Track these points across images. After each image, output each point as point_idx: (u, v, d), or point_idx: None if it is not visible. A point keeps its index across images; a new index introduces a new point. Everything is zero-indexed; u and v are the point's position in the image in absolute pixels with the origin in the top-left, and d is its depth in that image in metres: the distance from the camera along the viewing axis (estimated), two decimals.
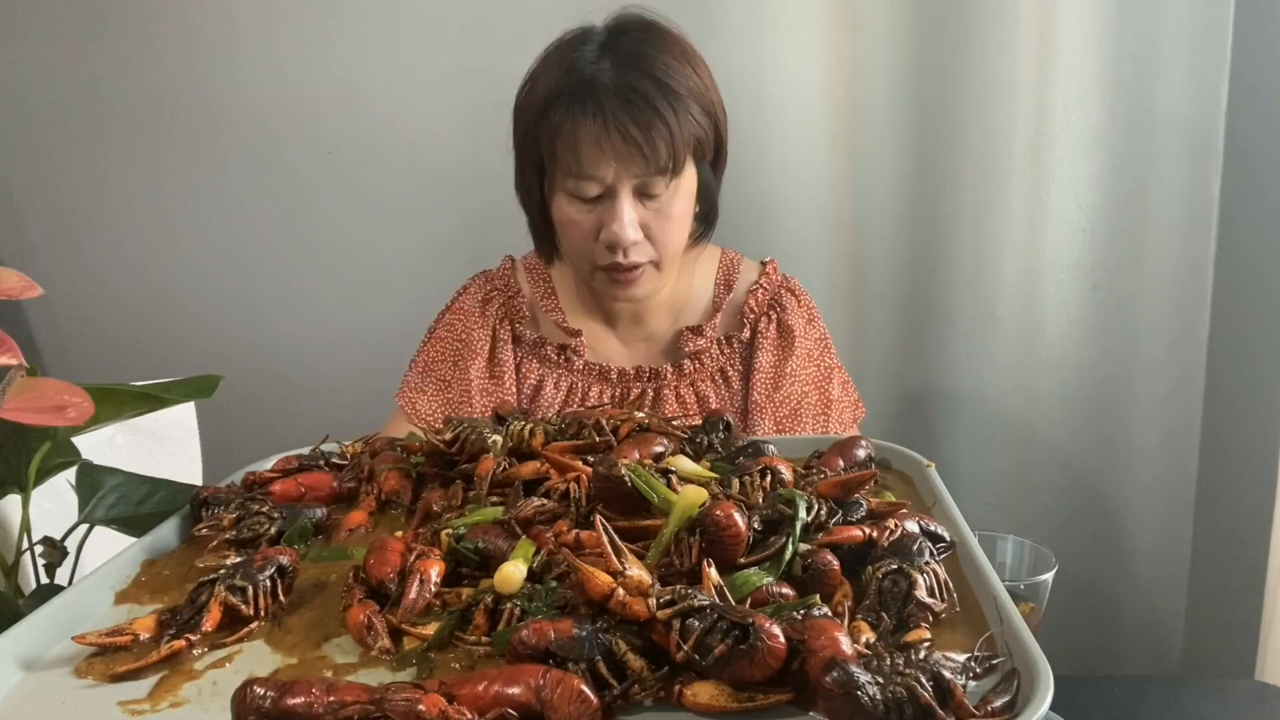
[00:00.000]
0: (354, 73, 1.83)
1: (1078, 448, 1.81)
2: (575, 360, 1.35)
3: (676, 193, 1.22)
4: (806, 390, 1.33)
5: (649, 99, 1.16)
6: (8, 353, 0.74)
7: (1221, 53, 1.61)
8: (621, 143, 1.16)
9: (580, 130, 1.17)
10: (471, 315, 1.38)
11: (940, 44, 1.68)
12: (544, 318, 1.39)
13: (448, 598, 0.68)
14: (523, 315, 1.37)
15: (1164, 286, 1.72)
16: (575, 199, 1.22)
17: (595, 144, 1.17)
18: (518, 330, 1.37)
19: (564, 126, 1.18)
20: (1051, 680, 0.54)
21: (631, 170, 1.18)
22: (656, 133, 1.16)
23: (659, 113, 1.17)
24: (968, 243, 1.75)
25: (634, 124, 1.16)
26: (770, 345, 1.34)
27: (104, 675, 0.62)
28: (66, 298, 1.90)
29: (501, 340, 1.36)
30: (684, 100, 1.19)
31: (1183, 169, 1.67)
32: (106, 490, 0.98)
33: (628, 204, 1.20)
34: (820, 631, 0.54)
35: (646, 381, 1.35)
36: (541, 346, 1.36)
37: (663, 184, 1.20)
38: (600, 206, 1.21)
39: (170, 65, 1.83)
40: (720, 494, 0.73)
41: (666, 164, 1.18)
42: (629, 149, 1.16)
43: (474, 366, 1.35)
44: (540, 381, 1.36)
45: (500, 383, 1.35)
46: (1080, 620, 1.83)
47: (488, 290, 1.40)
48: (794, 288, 1.39)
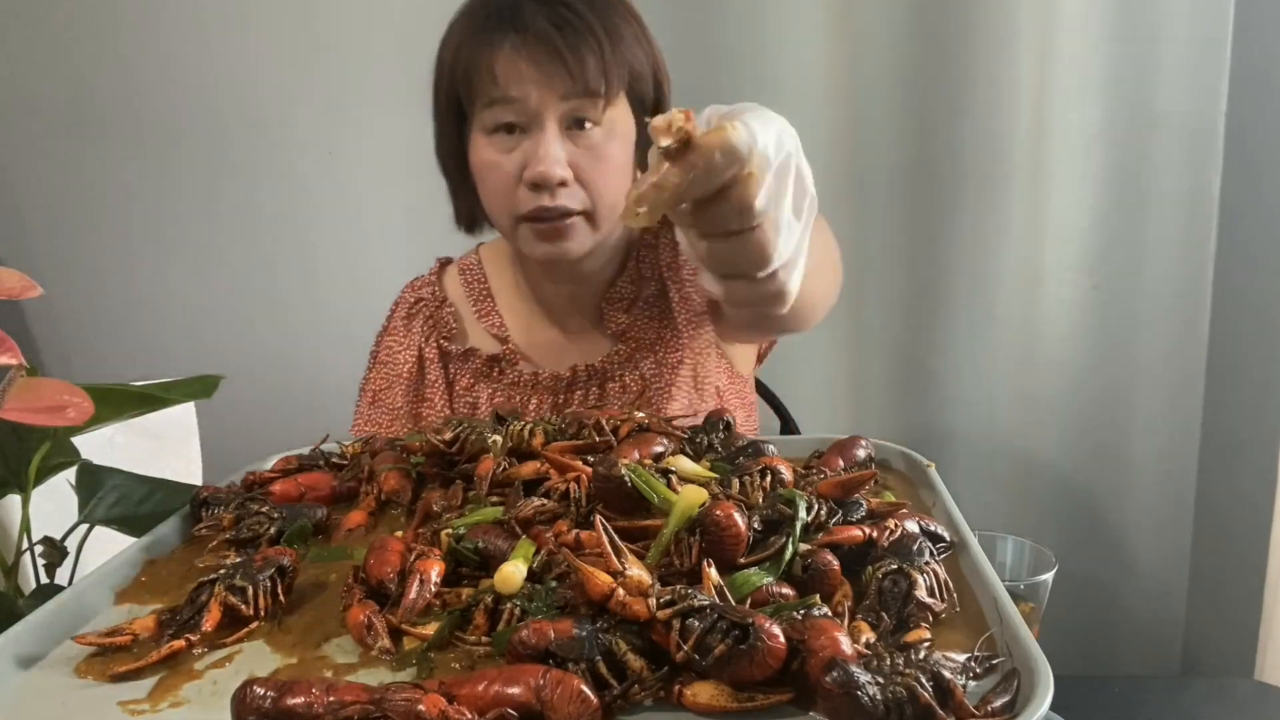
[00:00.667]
0: (353, 73, 1.83)
1: (1078, 448, 1.81)
2: (509, 371, 1.24)
3: (611, 132, 1.09)
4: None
5: (578, 14, 1.05)
6: (8, 353, 0.74)
7: (1221, 53, 1.61)
8: (544, 55, 1.03)
9: (498, 47, 1.05)
10: (398, 334, 1.28)
11: (940, 44, 1.68)
12: (475, 326, 1.27)
13: (448, 598, 0.68)
14: (449, 327, 1.26)
15: (1164, 286, 1.72)
16: (495, 135, 1.09)
17: (514, 59, 1.04)
18: (444, 346, 1.26)
19: (480, 48, 1.06)
20: (1051, 680, 0.53)
21: (556, 89, 1.05)
22: (585, 45, 1.04)
23: (589, 26, 1.05)
24: (968, 243, 1.75)
25: (560, 36, 1.04)
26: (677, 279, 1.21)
27: (104, 675, 0.62)
28: (66, 298, 1.90)
29: (429, 359, 1.26)
30: (618, 26, 1.07)
31: (1183, 169, 1.67)
32: (106, 490, 0.98)
33: (553, 136, 1.06)
34: (820, 631, 0.54)
35: (588, 382, 1.23)
36: (472, 359, 1.24)
37: (595, 110, 1.07)
38: (523, 144, 1.08)
39: (170, 66, 1.83)
40: (720, 494, 0.73)
41: (597, 84, 1.05)
42: (552, 63, 1.03)
43: (400, 391, 1.26)
44: (476, 399, 1.25)
45: (432, 405, 1.25)
46: (1080, 620, 1.84)
47: (413, 303, 1.29)
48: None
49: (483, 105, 1.09)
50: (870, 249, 1.79)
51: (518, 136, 1.09)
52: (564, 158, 1.07)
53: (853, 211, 1.78)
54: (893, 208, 1.77)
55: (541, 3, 1.06)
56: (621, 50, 1.08)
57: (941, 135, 1.72)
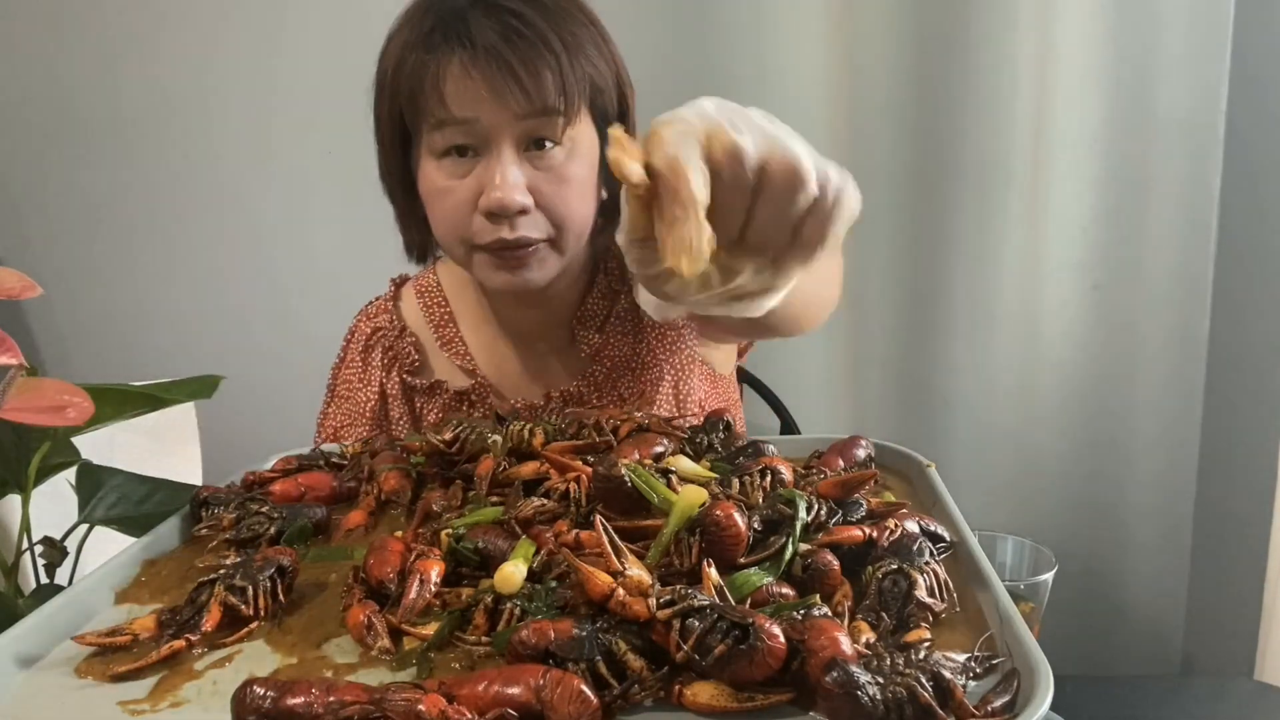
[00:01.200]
0: (353, 73, 1.83)
1: (1078, 447, 1.81)
2: (479, 405, 1.15)
3: (573, 152, 1.00)
4: None
5: (531, 25, 0.95)
6: (8, 353, 0.74)
7: (1221, 53, 1.61)
8: (496, 72, 0.93)
9: (444, 63, 0.95)
10: (355, 368, 1.19)
11: (940, 45, 1.68)
12: (438, 355, 1.18)
13: (448, 598, 0.68)
14: (411, 359, 1.17)
15: (1164, 286, 1.72)
16: (445, 158, 0.99)
17: (464, 77, 0.94)
18: (407, 380, 1.17)
19: (427, 64, 0.96)
20: (1051, 680, 0.54)
21: (512, 109, 0.95)
22: (540, 59, 0.94)
23: (543, 37, 0.95)
24: (968, 243, 1.75)
25: (512, 51, 0.94)
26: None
27: (104, 675, 0.62)
28: (66, 298, 1.90)
29: (391, 395, 1.17)
30: (577, 38, 0.98)
31: (1183, 169, 1.67)
32: (106, 490, 0.98)
33: (510, 158, 0.97)
34: (820, 631, 0.54)
35: (563, 407, 1.13)
36: (438, 393, 1.16)
37: (554, 130, 0.97)
38: (477, 168, 0.98)
39: (169, 67, 1.83)
40: (720, 494, 0.73)
41: (555, 101, 0.95)
42: (506, 80, 0.93)
43: (363, 429, 1.17)
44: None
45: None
46: (1080, 620, 1.83)
47: (370, 334, 1.20)
48: None
49: (430, 127, 0.99)
50: (870, 249, 1.79)
51: (470, 160, 0.99)
52: (523, 183, 0.98)
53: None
54: (893, 208, 1.77)
55: (490, 13, 0.96)
56: (580, 62, 0.98)
57: (941, 135, 1.71)
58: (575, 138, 1.01)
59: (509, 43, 0.95)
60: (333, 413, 1.22)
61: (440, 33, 0.97)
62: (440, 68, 0.96)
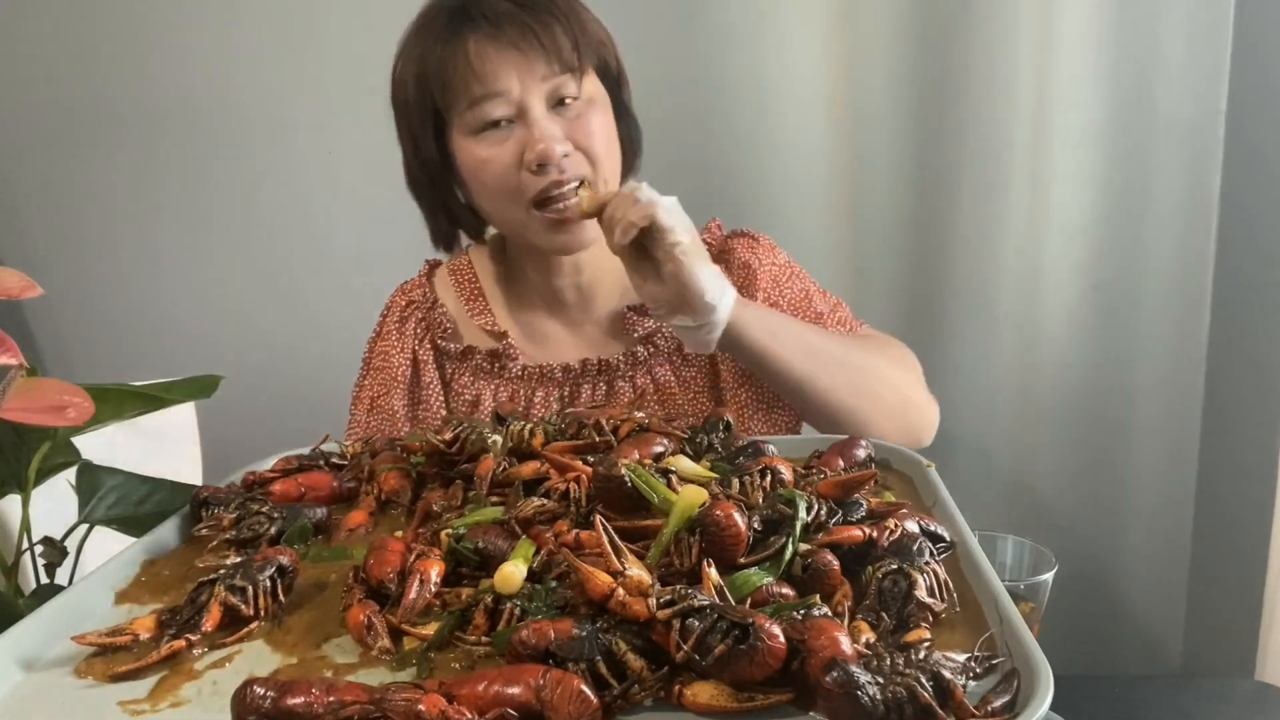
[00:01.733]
0: (354, 73, 1.83)
1: (1077, 448, 1.81)
2: (511, 365, 1.22)
3: (592, 102, 1.12)
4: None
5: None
6: (8, 353, 0.74)
7: (1221, 53, 1.61)
8: (520, 39, 1.05)
9: (465, 45, 1.06)
10: (391, 339, 1.27)
11: (940, 44, 1.68)
12: (469, 324, 1.26)
13: (448, 598, 0.68)
14: (444, 328, 1.25)
15: (1164, 286, 1.72)
16: (484, 132, 1.09)
17: (489, 51, 1.06)
18: (440, 344, 1.25)
19: (453, 51, 1.07)
20: (1051, 680, 0.53)
21: (537, 71, 1.07)
22: (554, 22, 1.07)
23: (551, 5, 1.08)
24: (968, 243, 1.75)
25: (524, 15, 1.06)
26: None
27: (104, 675, 0.62)
28: (66, 298, 1.90)
29: (423, 361, 1.24)
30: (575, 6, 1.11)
31: (1183, 169, 1.67)
32: (106, 490, 0.98)
33: (543, 113, 1.08)
34: (820, 631, 0.54)
35: (597, 375, 1.21)
36: (471, 357, 1.23)
37: (573, 84, 1.09)
38: (515, 133, 1.09)
39: (170, 67, 1.83)
40: (720, 494, 0.73)
41: (571, 57, 1.07)
42: (527, 45, 1.06)
43: (398, 395, 1.24)
44: (478, 395, 1.23)
45: (428, 408, 1.23)
46: (1080, 620, 1.83)
47: (404, 306, 1.28)
48: (745, 231, 1.27)
49: (465, 107, 1.09)
50: (870, 249, 1.79)
51: (505, 129, 1.09)
52: (560, 133, 1.09)
53: (853, 211, 1.78)
54: (893, 208, 1.77)
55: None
56: (583, 22, 1.11)
57: (941, 135, 1.71)
58: (590, 91, 1.12)
59: (523, 9, 1.07)
60: (368, 384, 1.28)
61: (457, 17, 1.08)
62: (467, 49, 1.07)
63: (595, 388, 1.22)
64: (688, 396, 1.23)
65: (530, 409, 1.21)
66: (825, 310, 1.26)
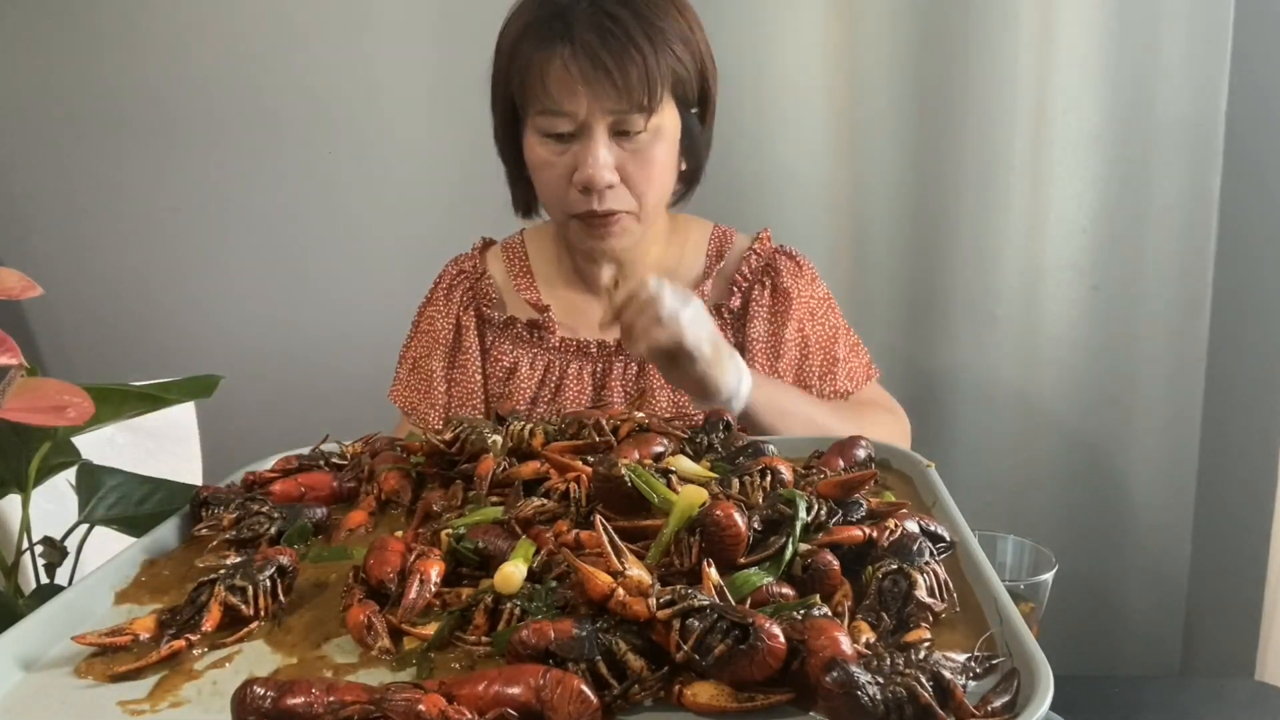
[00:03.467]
0: (354, 73, 1.83)
1: (1077, 448, 1.81)
2: (549, 337, 1.29)
3: (657, 136, 1.16)
4: (808, 349, 1.28)
5: (624, 26, 1.11)
6: (8, 353, 0.74)
7: (1221, 53, 1.61)
8: (591, 70, 1.10)
9: (550, 59, 1.12)
10: (438, 304, 1.34)
11: (940, 45, 1.68)
12: (514, 297, 1.34)
13: (448, 598, 0.68)
14: (490, 297, 1.32)
15: (1164, 286, 1.72)
16: (547, 139, 1.16)
17: (564, 73, 1.11)
18: (485, 313, 1.32)
19: (534, 57, 1.13)
20: (1051, 680, 0.53)
21: (604, 104, 1.12)
22: (630, 60, 1.10)
23: (634, 41, 1.11)
24: (968, 243, 1.75)
25: (605, 51, 1.10)
26: (765, 314, 1.28)
27: (104, 675, 0.62)
28: (66, 298, 1.90)
29: (465, 327, 1.32)
30: (664, 34, 1.13)
31: (1183, 169, 1.67)
32: (106, 490, 0.98)
33: (602, 143, 1.14)
34: (820, 631, 0.54)
35: (629, 356, 1.28)
36: (512, 326, 1.31)
37: (640, 121, 1.13)
38: (574, 147, 1.15)
39: (170, 66, 1.83)
40: (720, 494, 0.73)
41: (641, 97, 1.11)
42: (599, 77, 1.10)
43: (438, 358, 1.32)
44: (515, 363, 1.30)
45: (465, 371, 1.30)
46: (1080, 620, 1.83)
47: (455, 275, 1.36)
48: (790, 252, 1.32)
49: (535, 112, 1.16)
50: (870, 249, 1.79)
51: (567, 142, 1.16)
52: (612, 163, 1.14)
53: (853, 211, 1.78)
54: (893, 208, 1.77)
55: (590, 12, 1.12)
56: (665, 58, 1.13)
57: (941, 135, 1.71)
58: (658, 124, 1.17)
59: (604, 43, 1.10)
60: (414, 345, 1.36)
61: (548, 27, 1.13)
62: (547, 62, 1.12)
63: (626, 368, 1.28)
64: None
65: (564, 380, 1.28)
66: (844, 355, 1.31)
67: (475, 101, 1.37)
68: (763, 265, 1.30)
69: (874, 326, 1.82)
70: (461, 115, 1.76)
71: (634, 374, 1.28)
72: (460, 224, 1.53)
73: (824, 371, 1.28)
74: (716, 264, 1.33)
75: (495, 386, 1.31)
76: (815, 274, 1.34)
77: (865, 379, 1.33)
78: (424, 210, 1.86)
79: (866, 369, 1.34)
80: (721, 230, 1.36)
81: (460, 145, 1.76)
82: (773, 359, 1.27)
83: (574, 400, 1.28)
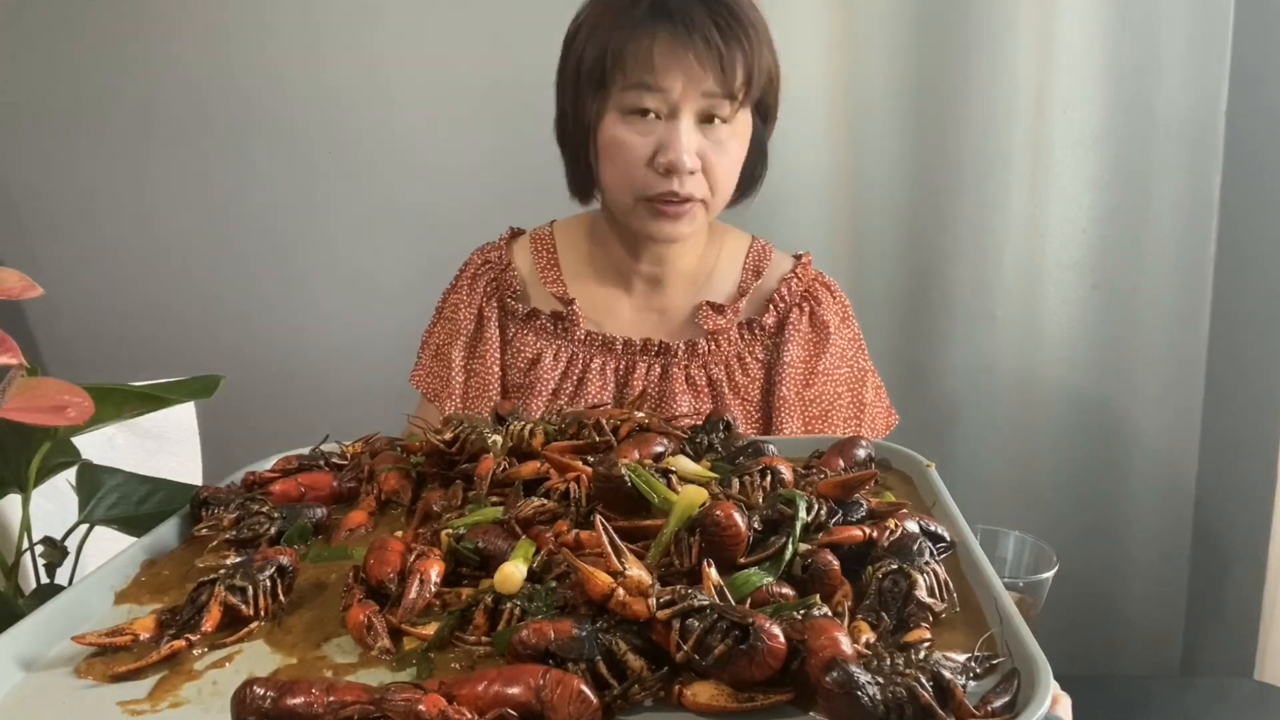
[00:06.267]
0: (354, 73, 1.83)
1: (1077, 448, 1.81)
2: (574, 330, 1.28)
3: (735, 131, 1.17)
4: (839, 391, 1.27)
5: (734, 14, 1.12)
6: (8, 353, 0.74)
7: (1221, 53, 1.62)
8: (703, 48, 1.10)
9: (659, 34, 1.11)
10: (462, 293, 1.34)
11: (940, 45, 1.68)
12: (539, 289, 1.32)
13: (448, 598, 0.68)
14: (514, 289, 1.31)
15: (1164, 286, 1.72)
16: (631, 116, 1.15)
17: (672, 50, 1.11)
18: (508, 304, 1.31)
19: (640, 31, 1.12)
20: (1051, 680, 0.53)
21: (701, 87, 1.12)
22: (737, 45, 1.11)
23: (743, 28, 1.12)
24: (968, 243, 1.75)
25: (716, 30, 1.11)
26: (802, 339, 1.27)
27: (104, 675, 0.62)
28: (66, 298, 1.90)
29: (487, 318, 1.31)
30: (760, 34, 1.15)
31: (1183, 169, 1.67)
32: (106, 490, 0.98)
33: (690, 125, 1.14)
34: (820, 631, 0.54)
35: (654, 356, 1.27)
36: (536, 318, 1.30)
37: (728, 109, 1.14)
38: (657, 130, 1.14)
39: (170, 67, 1.83)
40: (720, 494, 0.73)
41: (738, 88, 1.13)
42: (709, 58, 1.10)
43: (457, 347, 1.31)
44: (538, 354, 1.29)
45: (483, 361, 1.30)
46: (1080, 620, 1.83)
47: (480, 265, 1.35)
48: (829, 284, 1.33)
49: (624, 86, 1.14)
50: (870, 248, 1.79)
51: (651, 121, 1.14)
52: (695, 148, 1.14)
53: (852, 212, 1.78)
54: (893, 207, 1.77)
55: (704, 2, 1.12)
56: (763, 57, 1.15)
57: (942, 135, 1.72)
58: (740, 119, 1.17)
59: (716, 27, 1.11)
60: (437, 331, 1.36)
61: (645, 6, 1.12)
62: (653, 36, 1.11)
63: (650, 368, 1.27)
64: (736, 401, 1.26)
65: (586, 374, 1.27)
66: (871, 399, 1.31)
67: (482, 104, 1.37)
68: (802, 291, 1.30)
69: (874, 326, 1.82)
70: (468, 124, 1.77)
71: (658, 374, 1.27)
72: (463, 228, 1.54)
73: (851, 415, 1.28)
74: (754, 280, 1.32)
75: (516, 377, 1.30)
76: (849, 311, 1.33)
77: (885, 428, 1.33)
78: (425, 213, 1.86)
79: (887, 415, 1.35)
80: (760, 245, 1.35)
81: (467, 151, 1.77)
82: (803, 386, 1.26)
83: (596, 395, 1.27)
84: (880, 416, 1.33)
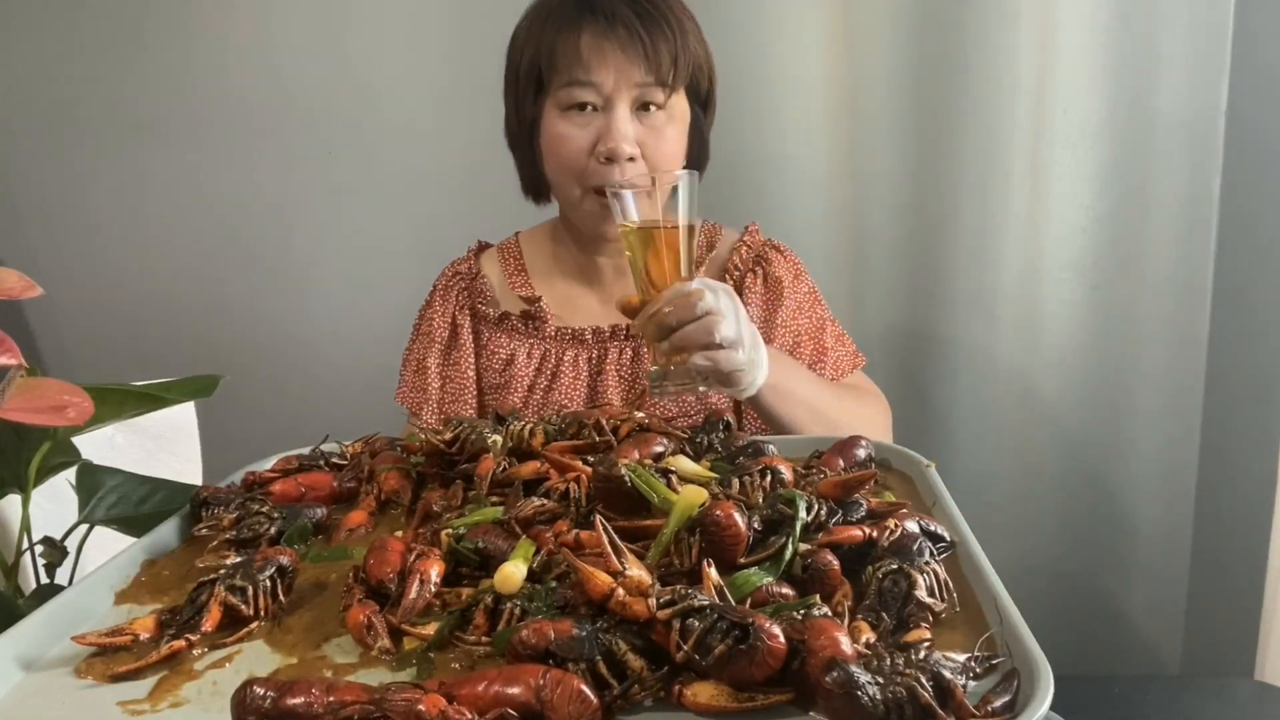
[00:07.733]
0: (353, 72, 1.83)
1: (1078, 447, 1.81)
2: (544, 327, 1.32)
3: (672, 117, 1.22)
4: (799, 340, 1.31)
5: (656, 5, 1.18)
6: (8, 353, 0.74)
7: (1221, 53, 1.61)
8: (628, 39, 1.16)
9: (584, 30, 1.17)
10: (435, 306, 1.38)
11: (940, 45, 1.68)
12: (508, 294, 1.37)
13: (448, 598, 0.68)
14: (485, 295, 1.36)
15: (1164, 286, 1.72)
16: (569, 111, 1.20)
17: (598, 44, 1.16)
18: (479, 310, 1.35)
19: (565, 28, 1.18)
20: (1051, 680, 0.53)
21: (632, 76, 1.17)
22: (661, 37, 1.17)
23: (665, 19, 1.18)
24: (967, 242, 1.75)
25: (639, 22, 1.16)
26: (759, 299, 1.31)
27: (104, 675, 0.62)
28: (66, 298, 1.90)
29: (460, 325, 1.35)
30: (684, 22, 1.20)
31: (1183, 169, 1.67)
32: (106, 490, 0.98)
33: (625, 114, 1.19)
34: (820, 631, 0.54)
35: (624, 341, 1.31)
36: (507, 320, 1.34)
37: (660, 96, 1.19)
38: (595, 122, 1.20)
39: (169, 66, 1.83)
40: (720, 494, 0.73)
41: (667, 73, 1.18)
42: (633, 48, 1.16)
43: (432, 355, 1.35)
44: (512, 354, 1.33)
45: (458, 368, 1.34)
46: (1080, 620, 1.83)
47: (450, 277, 1.39)
48: (778, 245, 1.37)
49: (561, 83, 1.19)
50: (870, 248, 1.79)
51: (590, 114, 1.20)
52: (633, 136, 1.19)
53: (853, 210, 1.78)
54: (893, 208, 1.77)
55: None
56: (689, 44, 1.20)
57: (941, 135, 1.71)
58: (675, 105, 1.22)
59: (639, 18, 1.17)
60: (415, 347, 1.40)
61: (582, 7, 1.18)
62: (579, 33, 1.17)
63: (622, 353, 1.31)
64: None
65: (560, 368, 1.30)
66: (831, 345, 1.34)
67: (478, 103, 1.37)
68: (754, 256, 1.34)
69: (873, 326, 1.82)
70: (465, 117, 1.77)
71: (629, 359, 1.30)
72: (462, 224, 1.54)
73: (813, 361, 1.32)
74: (707, 253, 1.37)
75: (492, 378, 1.33)
76: (802, 268, 1.37)
77: (851, 368, 1.37)
78: (425, 213, 1.86)
79: (853, 357, 1.38)
80: (710, 225, 1.40)
81: (466, 151, 1.77)
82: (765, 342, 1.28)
83: (570, 386, 1.30)
84: (845, 359, 1.36)
